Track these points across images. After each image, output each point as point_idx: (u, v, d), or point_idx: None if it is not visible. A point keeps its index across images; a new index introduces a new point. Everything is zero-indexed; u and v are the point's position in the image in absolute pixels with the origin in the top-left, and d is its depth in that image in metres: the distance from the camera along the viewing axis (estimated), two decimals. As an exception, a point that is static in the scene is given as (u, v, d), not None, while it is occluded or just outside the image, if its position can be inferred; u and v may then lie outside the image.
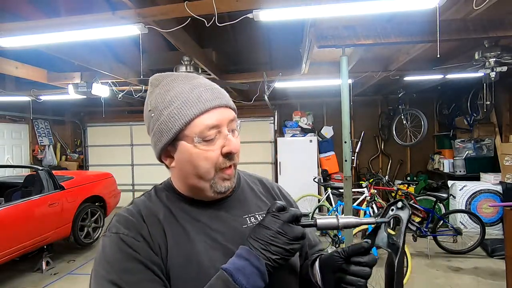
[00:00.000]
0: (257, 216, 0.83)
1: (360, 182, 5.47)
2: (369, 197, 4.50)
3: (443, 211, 4.96)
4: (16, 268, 4.13)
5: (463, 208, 4.96)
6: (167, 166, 0.81)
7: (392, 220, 0.77)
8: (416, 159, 6.91)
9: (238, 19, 2.44)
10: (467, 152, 5.41)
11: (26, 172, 5.67)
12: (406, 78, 4.81)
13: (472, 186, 5.01)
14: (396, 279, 0.70)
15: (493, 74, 3.34)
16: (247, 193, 0.88)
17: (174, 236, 0.73)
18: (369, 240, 0.74)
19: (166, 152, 0.77)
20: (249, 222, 0.81)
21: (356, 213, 4.74)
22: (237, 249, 0.69)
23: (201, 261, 0.71)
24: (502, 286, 3.25)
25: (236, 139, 0.76)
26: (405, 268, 3.31)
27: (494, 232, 4.84)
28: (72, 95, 4.56)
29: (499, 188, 4.89)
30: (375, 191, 4.64)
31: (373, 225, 0.78)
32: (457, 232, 4.30)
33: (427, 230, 4.37)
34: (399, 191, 4.60)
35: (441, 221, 4.42)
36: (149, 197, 0.81)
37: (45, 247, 4.18)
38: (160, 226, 0.73)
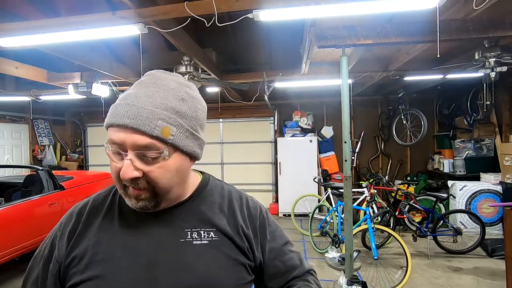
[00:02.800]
0: (201, 232, 0.77)
1: (360, 182, 5.48)
2: (369, 197, 4.50)
3: (443, 211, 4.96)
4: (16, 268, 4.13)
5: (463, 208, 4.96)
6: None
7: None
8: (416, 159, 6.91)
9: (238, 19, 2.44)
10: (467, 152, 5.41)
11: (26, 172, 5.67)
12: (406, 78, 4.82)
13: (472, 186, 5.01)
14: None
15: (493, 74, 3.34)
16: (203, 205, 0.82)
17: (99, 240, 0.75)
18: None
19: None
20: (188, 237, 0.76)
21: (356, 213, 4.74)
22: (163, 258, 0.72)
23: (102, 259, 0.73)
24: (502, 286, 3.26)
25: (142, 166, 0.68)
26: (405, 268, 3.31)
27: (494, 232, 4.84)
28: (72, 95, 4.56)
29: (499, 188, 4.89)
30: (375, 191, 4.64)
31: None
32: (457, 232, 4.30)
33: (427, 230, 4.37)
34: (399, 191, 4.60)
35: (441, 221, 4.42)
36: (105, 195, 0.84)
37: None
38: (89, 229, 0.77)
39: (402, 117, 5.84)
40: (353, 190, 4.61)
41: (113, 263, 0.72)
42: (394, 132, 6.08)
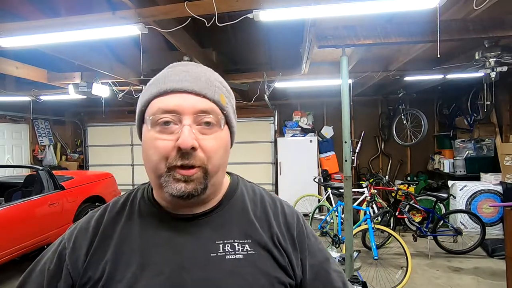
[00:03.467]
0: (235, 244, 0.66)
1: (360, 182, 5.47)
2: (369, 197, 4.50)
3: (443, 211, 4.96)
4: (16, 268, 4.13)
5: (463, 208, 4.96)
6: None
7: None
8: (416, 159, 6.91)
9: (238, 19, 2.44)
10: (467, 152, 5.41)
11: (26, 172, 5.67)
12: (406, 78, 4.81)
13: (472, 186, 5.01)
14: None
15: (493, 74, 3.34)
16: (234, 213, 0.71)
17: (118, 258, 0.65)
18: None
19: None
20: (220, 250, 0.65)
21: (356, 213, 4.74)
22: (190, 277, 0.61)
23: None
24: (502, 286, 3.25)
25: (198, 135, 0.61)
26: (405, 268, 3.31)
27: (494, 232, 4.84)
28: (72, 95, 4.56)
29: (499, 188, 4.89)
30: (375, 191, 4.64)
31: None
32: (457, 232, 4.30)
33: (427, 230, 4.37)
34: (399, 191, 4.60)
35: (441, 221, 4.42)
36: (123, 202, 0.74)
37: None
38: (106, 243, 0.67)
39: (402, 117, 5.84)
40: (353, 190, 4.61)
41: (130, 285, 0.62)
42: (394, 132, 6.08)
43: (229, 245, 0.66)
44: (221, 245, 0.66)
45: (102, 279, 0.63)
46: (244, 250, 0.66)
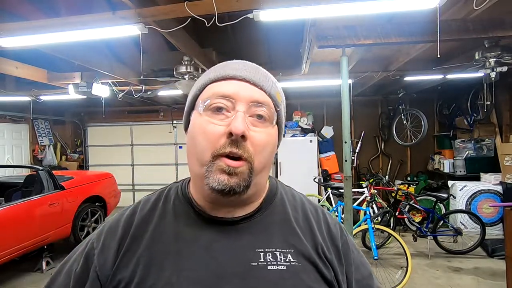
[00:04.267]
0: (277, 253, 0.61)
1: (360, 182, 5.48)
2: (369, 197, 4.50)
3: (443, 211, 4.96)
4: (16, 268, 4.13)
5: (463, 208, 4.96)
6: None
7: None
8: (416, 159, 6.91)
9: (238, 19, 2.43)
10: (467, 152, 5.41)
11: (26, 172, 5.67)
12: (406, 78, 4.81)
13: (472, 186, 5.01)
14: None
15: (493, 74, 3.34)
16: (275, 219, 0.66)
17: (150, 260, 0.60)
18: None
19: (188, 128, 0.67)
20: (261, 260, 0.60)
21: (356, 213, 4.74)
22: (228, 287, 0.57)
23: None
24: (502, 286, 3.25)
25: (249, 126, 0.58)
26: (405, 268, 3.31)
27: (494, 232, 4.84)
28: (72, 95, 4.56)
29: (499, 188, 4.89)
30: (375, 191, 4.64)
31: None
32: (457, 232, 4.30)
33: (427, 230, 4.37)
34: (399, 191, 4.60)
35: (441, 221, 4.42)
36: (155, 200, 0.70)
37: (45, 247, 4.17)
38: (137, 244, 0.62)
39: (402, 117, 5.84)
40: (353, 190, 4.61)
41: None
42: (394, 132, 6.08)
43: (270, 254, 0.61)
44: (261, 254, 0.60)
45: (133, 283, 0.58)
46: (287, 260, 0.61)
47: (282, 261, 0.60)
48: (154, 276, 0.58)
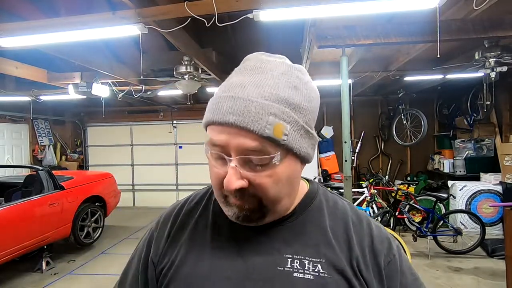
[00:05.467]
0: (305, 262, 0.59)
1: (360, 182, 5.48)
2: (369, 197, 4.51)
3: (443, 211, 4.96)
4: (16, 268, 4.13)
5: (463, 208, 4.96)
6: None
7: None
8: (416, 159, 6.91)
9: (238, 19, 2.43)
10: (467, 152, 5.41)
11: (26, 172, 5.67)
12: (406, 78, 4.82)
13: (472, 186, 5.01)
14: None
15: (493, 74, 3.34)
16: (308, 226, 0.64)
17: (189, 248, 0.66)
18: None
19: None
20: (288, 265, 0.59)
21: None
22: None
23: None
24: (502, 286, 3.25)
25: (248, 173, 0.55)
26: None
27: (494, 232, 4.84)
28: (72, 95, 4.56)
29: (499, 188, 4.89)
30: (375, 191, 4.65)
31: None
32: (457, 232, 4.30)
33: (427, 230, 4.37)
34: (399, 191, 4.60)
35: (441, 221, 4.42)
36: (203, 195, 0.74)
37: (45, 247, 4.17)
38: (181, 232, 0.69)
39: (402, 117, 5.84)
40: (353, 190, 4.61)
41: (198, 284, 0.61)
42: (394, 132, 6.08)
43: (298, 261, 0.59)
44: (289, 260, 0.59)
45: (172, 269, 0.64)
46: (316, 270, 0.58)
47: (310, 270, 0.58)
48: (191, 265, 0.63)
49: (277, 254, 0.60)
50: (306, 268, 0.58)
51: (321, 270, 0.58)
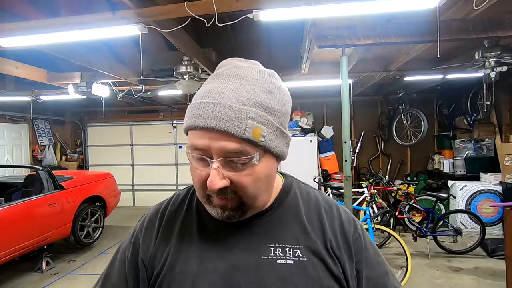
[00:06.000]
0: (286, 249, 0.66)
1: (360, 182, 5.48)
2: (369, 197, 4.50)
3: (443, 211, 4.97)
4: (16, 268, 4.13)
5: (463, 208, 4.96)
6: None
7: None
8: (416, 159, 6.91)
9: (238, 19, 2.43)
10: (467, 152, 5.41)
11: (26, 172, 5.67)
12: (406, 78, 4.81)
13: (472, 186, 5.01)
14: None
15: (493, 74, 3.34)
16: (286, 217, 0.70)
17: (179, 247, 0.69)
18: None
19: None
20: (271, 254, 0.65)
21: (356, 213, 4.74)
22: (243, 279, 0.63)
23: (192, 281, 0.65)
24: (502, 286, 3.25)
25: (229, 172, 0.60)
26: (405, 268, 3.31)
27: (494, 232, 4.84)
28: (72, 95, 4.56)
29: (499, 188, 4.89)
30: (375, 191, 4.64)
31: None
32: (457, 232, 4.30)
33: (427, 230, 4.37)
34: (399, 191, 4.60)
35: (441, 221, 4.42)
36: (184, 195, 0.78)
37: (45, 247, 4.17)
38: (168, 234, 0.71)
39: (402, 117, 5.84)
40: (353, 190, 4.61)
41: (190, 279, 0.65)
42: (394, 132, 6.09)
43: (280, 249, 0.66)
44: (272, 249, 0.66)
45: (164, 269, 0.67)
46: (296, 255, 0.65)
47: (291, 256, 0.65)
48: (181, 263, 0.67)
49: (260, 245, 0.66)
50: (288, 254, 0.65)
51: (301, 255, 0.65)
